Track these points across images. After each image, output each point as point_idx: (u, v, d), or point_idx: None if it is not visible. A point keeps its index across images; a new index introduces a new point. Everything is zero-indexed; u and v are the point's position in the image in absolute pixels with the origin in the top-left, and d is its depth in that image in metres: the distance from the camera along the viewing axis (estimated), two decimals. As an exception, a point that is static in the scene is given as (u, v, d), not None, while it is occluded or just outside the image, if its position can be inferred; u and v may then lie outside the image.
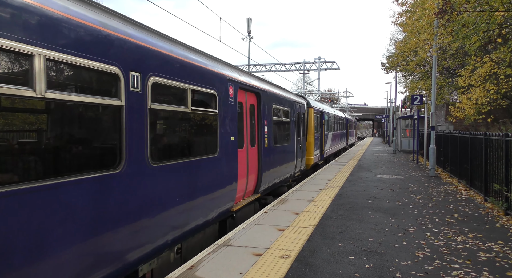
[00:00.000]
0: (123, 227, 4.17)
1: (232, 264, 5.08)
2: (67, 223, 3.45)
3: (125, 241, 4.22)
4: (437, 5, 11.58)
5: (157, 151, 4.90)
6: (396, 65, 25.18)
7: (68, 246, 3.46)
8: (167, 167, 5.02)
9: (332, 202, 9.32)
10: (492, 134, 9.40)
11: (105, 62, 3.95)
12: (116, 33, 4.19)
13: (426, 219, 7.68)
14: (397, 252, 5.61)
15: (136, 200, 4.40)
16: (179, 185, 5.33)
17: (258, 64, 36.82)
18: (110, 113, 4.14)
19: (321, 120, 18.41)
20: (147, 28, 5.09)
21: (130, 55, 4.38)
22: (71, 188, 3.49)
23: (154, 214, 4.72)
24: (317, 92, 44.26)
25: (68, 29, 3.53)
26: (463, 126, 25.75)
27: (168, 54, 5.18)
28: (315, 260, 5.26)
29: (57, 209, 3.36)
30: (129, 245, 4.28)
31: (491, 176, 9.25)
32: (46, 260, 3.23)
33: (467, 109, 17.85)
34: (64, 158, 3.59)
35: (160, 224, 4.87)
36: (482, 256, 5.48)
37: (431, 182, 13.10)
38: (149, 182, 4.64)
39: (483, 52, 17.64)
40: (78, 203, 3.58)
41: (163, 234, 4.94)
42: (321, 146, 18.45)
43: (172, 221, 5.19)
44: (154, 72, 4.78)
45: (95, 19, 3.93)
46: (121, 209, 4.16)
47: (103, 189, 3.90)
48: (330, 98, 63.80)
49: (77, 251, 3.57)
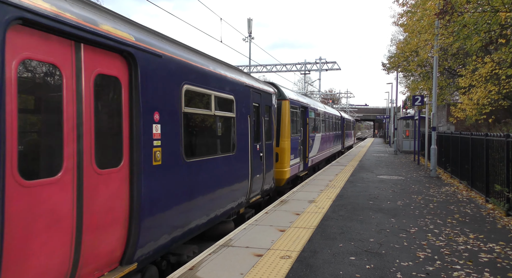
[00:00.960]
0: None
1: (233, 265, 5.07)
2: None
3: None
4: (437, 5, 11.57)
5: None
6: (397, 65, 25.17)
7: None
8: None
9: (333, 202, 9.31)
10: (493, 135, 9.38)
11: None
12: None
13: (427, 219, 7.67)
14: (398, 253, 5.60)
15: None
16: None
17: (259, 64, 36.83)
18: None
19: (304, 117, 14.43)
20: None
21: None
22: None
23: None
24: (318, 93, 44.26)
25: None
26: (464, 126, 25.73)
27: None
28: (316, 261, 5.26)
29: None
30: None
31: (493, 177, 9.23)
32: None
33: (468, 110, 17.83)
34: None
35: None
36: (483, 257, 5.46)
37: (432, 182, 13.08)
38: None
39: (484, 52, 17.62)
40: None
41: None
42: (304, 152, 14.39)
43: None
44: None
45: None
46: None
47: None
48: (331, 98, 63.81)
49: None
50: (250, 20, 25.36)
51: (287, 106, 11.82)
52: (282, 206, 8.85)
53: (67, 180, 3.57)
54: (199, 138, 6.44)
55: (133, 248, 4.40)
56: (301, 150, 13.66)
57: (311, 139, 15.37)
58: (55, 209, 3.43)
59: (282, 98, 11.79)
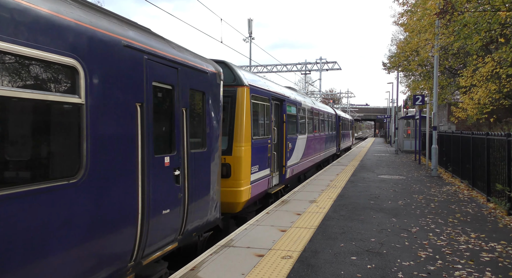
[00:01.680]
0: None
1: (234, 265, 5.08)
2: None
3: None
4: (438, 5, 11.57)
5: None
6: (397, 65, 25.16)
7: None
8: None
9: (334, 202, 9.31)
10: (494, 134, 9.38)
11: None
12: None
13: (428, 219, 7.66)
14: (399, 253, 5.60)
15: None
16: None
17: (259, 65, 36.86)
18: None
19: (279, 113, 11.02)
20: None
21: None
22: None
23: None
24: (319, 93, 44.26)
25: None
26: (465, 126, 25.69)
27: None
28: (317, 261, 5.26)
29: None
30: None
31: (494, 176, 9.22)
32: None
33: (469, 109, 17.82)
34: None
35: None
36: (485, 256, 5.46)
37: (433, 182, 13.07)
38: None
39: (485, 51, 17.61)
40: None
41: None
42: (281, 160, 10.98)
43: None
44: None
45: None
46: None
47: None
48: (331, 98, 63.79)
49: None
50: (251, 20, 25.39)
51: (245, 96, 8.18)
52: (283, 206, 8.86)
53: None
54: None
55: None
56: (274, 157, 10.18)
57: (291, 142, 11.89)
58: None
59: (237, 83, 8.15)
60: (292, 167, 11.93)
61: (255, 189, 8.62)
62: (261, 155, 9.14)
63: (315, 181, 13.02)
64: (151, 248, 4.58)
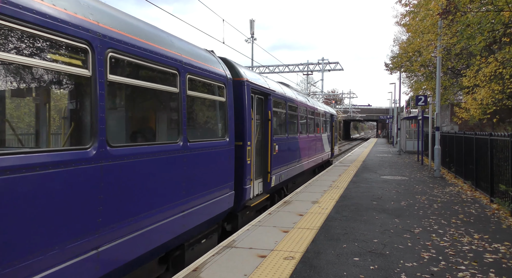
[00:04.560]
0: None
1: (236, 266, 5.07)
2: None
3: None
4: (441, 5, 11.53)
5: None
6: (400, 65, 25.11)
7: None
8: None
9: (337, 203, 9.29)
10: (497, 134, 9.34)
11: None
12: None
13: (431, 220, 7.63)
14: (402, 254, 5.58)
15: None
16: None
17: (261, 65, 36.86)
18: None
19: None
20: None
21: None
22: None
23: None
24: (321, 93, 44.20)
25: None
26: (468, 126, 25.61)
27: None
28: (319, 262, 5.24)
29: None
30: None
31: (497, 176, 9.18)
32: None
33: (472, 110, 17.76)
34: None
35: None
36: (489, 257, 5.43)
37: (436, 183, 13.02)
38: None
39: (488, 52, 17.54)
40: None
41: None
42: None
43: None
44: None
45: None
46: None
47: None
48: (333, 99, 63.71)
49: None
50: (253, 21, 25.40)
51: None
52: (285, 207, 8.84)
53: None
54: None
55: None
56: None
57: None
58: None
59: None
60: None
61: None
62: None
63: (317, 182, 13.00)
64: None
